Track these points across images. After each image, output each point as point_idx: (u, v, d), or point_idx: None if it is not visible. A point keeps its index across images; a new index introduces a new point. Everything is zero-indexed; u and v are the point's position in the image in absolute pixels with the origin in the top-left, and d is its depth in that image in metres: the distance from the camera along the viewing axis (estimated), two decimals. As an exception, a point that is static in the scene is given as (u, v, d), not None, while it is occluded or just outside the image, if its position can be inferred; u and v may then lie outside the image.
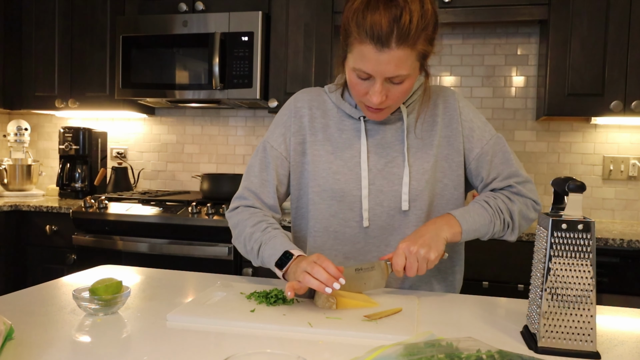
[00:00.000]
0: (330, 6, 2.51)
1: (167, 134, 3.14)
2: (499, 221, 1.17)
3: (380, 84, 1.06)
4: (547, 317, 0.83)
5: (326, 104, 1.28)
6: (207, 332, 0.89)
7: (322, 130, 1.25)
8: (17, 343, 0.81)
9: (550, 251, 0.83)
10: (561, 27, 2.28)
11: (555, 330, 0.83)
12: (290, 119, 1.28)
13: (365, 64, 1.04)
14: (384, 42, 1.00)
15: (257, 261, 1.19)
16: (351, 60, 1.08)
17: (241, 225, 1.24)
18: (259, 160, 1.29)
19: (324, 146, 1.24)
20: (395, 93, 1.09)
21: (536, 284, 0.88)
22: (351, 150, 1.23)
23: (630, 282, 1.96)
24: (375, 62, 1.02)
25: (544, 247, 0.85)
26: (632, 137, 2.55)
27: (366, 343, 0.84)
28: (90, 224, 2.44)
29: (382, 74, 1.04)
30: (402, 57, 1.02)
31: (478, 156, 1.23)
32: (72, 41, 2.87)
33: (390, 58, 1.01)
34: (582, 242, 0.82)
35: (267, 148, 1.28)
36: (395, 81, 1.06)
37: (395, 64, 1.02)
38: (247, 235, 1.20)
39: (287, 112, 1.30)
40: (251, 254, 1.20)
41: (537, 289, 0.87)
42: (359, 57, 1.04)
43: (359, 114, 1.23)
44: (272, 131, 1.30)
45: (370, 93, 1.08)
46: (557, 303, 0.83)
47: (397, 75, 1.04)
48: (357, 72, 1.07)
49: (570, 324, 0.83)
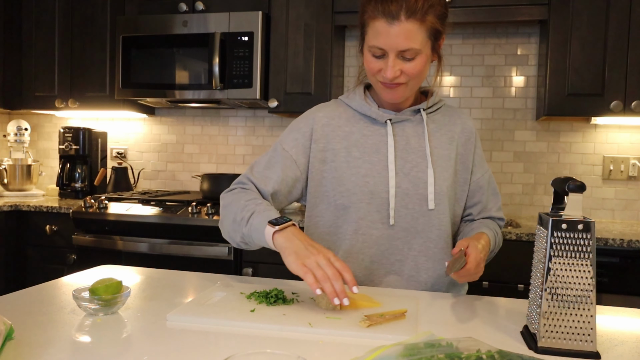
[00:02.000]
0: (330, 6, 2.51)
1: (167, 134, 3.14)
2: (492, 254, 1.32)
3: (392, 58, 1.12)
4: (547, 317, 0.83)
5: (347, 112, 1.31)
6: (207, 332, 0.89)
7: (346, 137, 1.27)
8: (17, 343, 0.81)
9: (550, 251, 0.83)
10: (561, 27, 2.28)
11: (555, 330, 0.83)
12: (309, 127, 1.29)
13: (378, 39, 1.11)
14: (394, 16, 1.09)
15: (243, 229, 1.13)
16: (367, 41, 1.16)
17: (234, 202, 1.20)
18: (267, 158, 1.29)
19: (350, 152, 1.26)
20: (408, 69, 1.14)
21: (536, 284, 0.88)
22: (378, 154, 1.26)
23: (630, 282, 1.96)
24: (386, 36, 1.10)
25: (544, 247, 0.85)
26: (632, 137, 2.55)
27: (366, 343, 0.84)
28: (90, 224, 2.44)
29: (394, 47, 1.11)
30: (412, 30, 1.10)
31: (477, 180, 1.34)
32: (72, 41, 2.87)
33: (400, 30, 1.09)
34: (582, 242, 0.82)
35: (279, 149, 1.29)
36: (407, 56, 1.13)
37: (405, 36, 1.10)
38: (241, 206, 1.16)
39: (306, 120, 1.31)
40: (239, 223, 1.14)
41: (537, 289, 0.87)
42: (373, 34, 1.13)
43: (385, 116, 1.26)
44: (286, 135, 1.31)
45: (384, 68, 1.14)
46: (557, 303, 0.83)
47: (408, 49, 1.11)
48: (372, 50, 1.15)
49: (570, 324, 0.82)
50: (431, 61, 1.21)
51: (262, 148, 2.98)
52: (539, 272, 0.86)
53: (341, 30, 2.74)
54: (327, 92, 2.53)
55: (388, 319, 0.94)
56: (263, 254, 2.28)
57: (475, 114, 2.71)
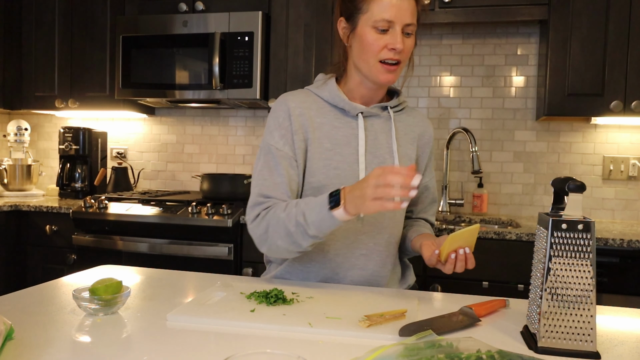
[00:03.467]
0: (330, 6, 2.50)
1: (167, 134, 3.14)
2: None
3: (399, 30, 1.18)
4: (547, 317, 0.83)
5: (317, 103, 1.29)
6: (207, 332, 0.89)
7: (319, 128, 1.27)
8: (17, 343, 0.81)
9: (550, 251, 0.83)
10: (561, 27, 2.28)
11: (555, 330, 0.83)
12: (287, 120, 1.26)
13: (389, 12, 1.17)
14: None
15: (310, 231, 1.11)
16: (369, 18, 1.19)
17: (272, 222, 1.17)
18: (266, 164, 1.26)
19: (322, 143, 1.26)
20: (408, 46, 1.21)
21: (536, 284, 0.88)
22: (349, 147, 1.27)
23: (630, 282, 1.96)
24: (398, 9, 1.17)
25: (543, 247, 0.85)
26: (632, 137, 2.55)
27: (366, 343, 0.84)
28: (90, 224, 2.44)
29: (402, 20, 1.18)
30: (414, 6, 1.20)
31: (426, 183, 1.41)
32: (72, 41, 2.87)
33: (408, 5, 1.18)
34: (582, 242, 0.82)
35: (273, 150, 1.25)
36: (408, 31, 1.20)
37: (411, 12, 1.19)
38: (283, 219, 1.14)
39: (281, 113, 1.27)
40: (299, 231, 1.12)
41: (537, 289, 0.87)
42: (380, 8, 1.17)
43: (357, 109, 1.27)
44: (270, 134, 1.27)
45: (392, 41, 1.18)
46: (557, 303, 0.83)
47: (411, 23, 1.19)
48: (377, 25, 1.18)
49: (570, 324, 0.83)
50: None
51: (262, 148, 2.98)
52: (539, 272, 0.86)
53: (341, 30, 2.74)
54: (327, 92, 2.53)
55: (388, 319, 0.94)
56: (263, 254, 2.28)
57: (475, 114, 2.71)
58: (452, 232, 1.36)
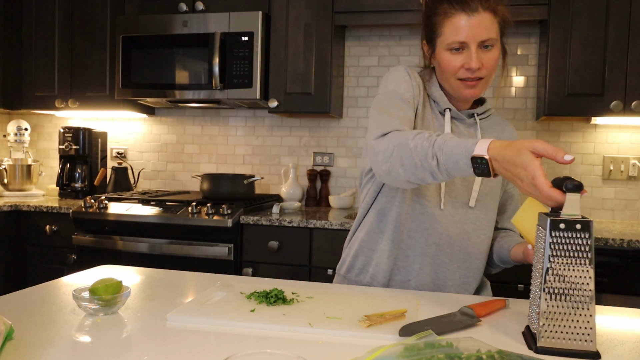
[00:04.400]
0: (330, 6, 2.51)
1: (167, 134, 3.14)
2: None
3: (474, 48, 1.17)
4: (547, 317, 0.83)
5: (421, 86, 1.30)
6: (207, 332, 0.89)
7: (422, 106, 1.28)
8: (17, 343, 0.81)
9: (549, 251, 0.83)
10: (561, 27, 2.28)
11: (555, 330, 0.83)
12: (411, 81, 1.26)
13: (459, 33, 1.17)
14: (472, 8, 1.16)
15: (437, 171, 1.01)
16: (444, 41, 1.19)
17: (401, 146, 1.06)
18: (391, 104, 1.20)
19: (423, 121, 1.28)
20: (488, 61, 1.19)
21: (536, 283, 0.88)
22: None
23: (630, 282, 1.96)
24: (468, 28, 1.16)
25: (542, 247, 0.85)
26: (632, 137, 2.55)
27: (366, 343, 0.84)
28: (90, 224, 2.44)
29: (475, 38, 1.16)
30: (489, 20, 1.17)
31: (510, 190, 1.39)
32: (72, 41, 2.87)
33: (480, 21, 1.16)
34: (581, 241, 0.82)
35: (396, 96, 1.22)
36: (487, 44, 1.18)
37: (485, 27, 1.16)
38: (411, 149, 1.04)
39: (405, 75, 1.27)
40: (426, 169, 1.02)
41: (536, 289, 0.87)
42: (451, 30, 1.17)
43: (446, 105, 1.28)
44: (396, 84, 1.24)
45: (467, 61, 1.18)
46: (557, 303, 0.83)
47: (487, 39, 1.17)
48: (451, 47, 1.18)
49: (570, 323, 0.83)
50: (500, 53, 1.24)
51: (262, 148, 2.98)
52: (538, 272, 0.86)
53: (341, 30, 2.74)
54: (327, 92, 2.53)
55: (388, 319, 0.94)
56: (263, 254, 2.28)
57: (475, 114, 2.71)
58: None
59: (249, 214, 2.35)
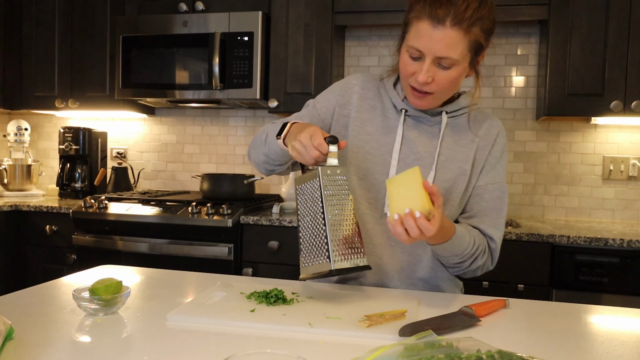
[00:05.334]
0: (330, 6, 2.51)
1: (167, 134, 3.14)
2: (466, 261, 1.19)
3: (429, 62, 1.10)
4: (334, 243, 1.00)
5: (379, 89, 1.31)
6: (207, 332, 0.89)
7: (369, 111, 1.29)
8: (17, 343, 0.81)
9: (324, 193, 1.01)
10: (561, 27, 2.28)
11: (342, 253, 1.00)
12: (341, 91, 1.32)
13: (419, 40, 1.09)
14: (440, 20, 1.06)
15: (264, 149, 1.25)
16: (407, 40, 1.13)
17: (260, 131, 1.32)
18: (299, 114, 1.35)
19: (364, 126, 1.27)
20: (442, 79, 1.12)
21: (315, 223, 1.03)
22: (388, 137, 1.26)
23: (630, 282, 1.96)
24: (428, 39, 1.07)
25: (318, 190, 1.02)
26: (632, 137, 2.55)
27: (366, 343, 0.84)
28: (90, 224, 2.44)
29: (432, 52, 1.08)
30: (455, 38, 1.07)
31: (480, 189, 1.25)
32: (72, 41, 2.87)
33: (443, 36, 1.06)
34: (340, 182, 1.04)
35: (310, 106, 1.34)
36: (444, 64, 1.10)
37: (446, 44, 1.07)
38: (260, 133, 1.29)
39: (341, 84, 1.34)
40: (260, 147, 1.27)
41: (318, 225, 1.02)
42: (415, 34, 1.10)
43: (402, 105, 1.26)
44: (321, 95, 1.36)
45: (418, 71, 1.11)
46: (337, 231, 1.01)
47: (446, 57, 1.08)
48: (410, 51, 1.12)
49: (349, 245, 1.01)
50: (467, 76, 1.17)
51: (262, 148, 2.98)
52: (318, 210, 1.02)
53: (341, 30, 2.74)
54: (327, 92, 2.53)
55: (388, 319, 0.94)
56: (263, 254, 2.28)
57: (475, 114, 2.71)
58: None
59: (249, 214, 2.35)
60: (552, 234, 2.01)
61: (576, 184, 2.61)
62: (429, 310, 1.04)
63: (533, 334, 0.93)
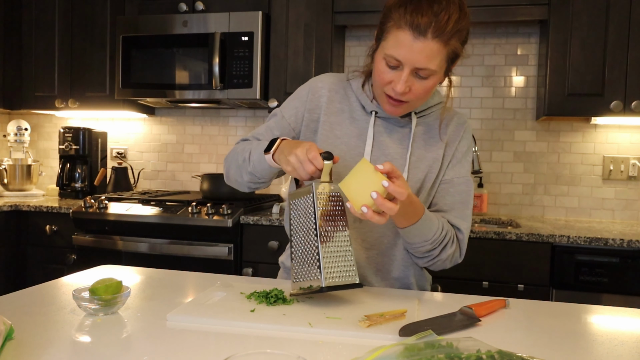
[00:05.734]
0: (330, 6, 2.51)
1: (167, 134, 3.14)
2: (436, 249, 1.18)
3: (407, 73, 1.08)
4: (326, 260, 0.99)
5: (346, 90, 1.30)
6: (207, 332, 0.89)
7: (337, 114, 1.27)
8: (17, 343, 0.81)
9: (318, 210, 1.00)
10: (561, 27, 2.28)
11: (333, 270, 0.99)
12: (308, 96, 1.29)
13: (399, 51, 1.07)
14: (421, 31, 1.04)
15: (249, 168, 1.20)
16: (384, 47, 1.11)
17: (234, 150, 1.30)
18: (267, 124, 1.32)
19: (333, 129, 1.26)
20: (418, 88, 1.11)
21: (307, 238, 1.02)
22: (358, 140, 1.25)
23: (630, 282, 1.96)
24: (408, 49, 1.06)
25: (312, 207, 1.01)
26: (632, 137, 2.55)
27: (366, 343, 0.84)
28: (90, 224, 2.44)
29: (412, 62, 1.07)
30: (435, 50, 1.06)
31: (446, 183, 1.26)
32: (72, 41, 2.87)
33: (424, 47, 1.05)
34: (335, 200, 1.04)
35: (278, 116, 1.31)
36: (422, 75, 1.09)
37: (427, 55, 1.06)
38: (239, 151, 1.25)
39: (307, 88, 1.31)
40: (242, 166, 1.22)
41: (310, 241, 1.01)
42: (394, 43, 1.08)
43: (372, 107, 1.25)
44: (288, 102, 1.33)
45: (396, 81, 1.10)
46: (328, 249, 1.00)
47: (425, 68, 1.07)
48: (387, 60, 1.10)
49: (340, 263, 1.01)
50: (439, 82, 1.18)
51: (262, 148, 2.98)
52: (311, 227, 1.01)
53: (341, 30, 2.74)
54: (327, 92, 2.53)
55: (388, 319, 0.94)
56: (263, 254, 2.28)
57: (475, 114, 2.71)
58: None
59: (249, 214, 2.35)
60: (552, 234, 2.01)
61: (576, 184, 2.61)
62: (429, 310, 1.04)
63: (533, 334, 0.93)
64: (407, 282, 1.29)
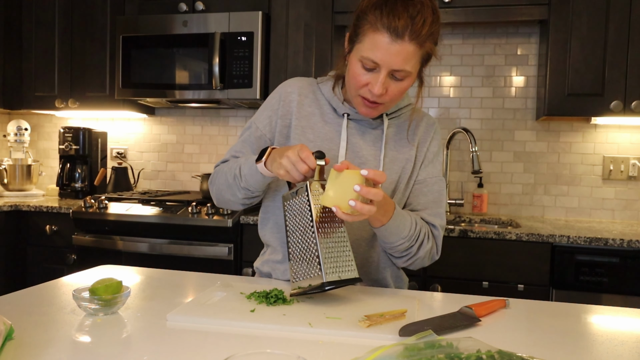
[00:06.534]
0: (330, 6, 2.51)
1: (167, 134, 3.14)
2: (413, 246, 1.19)
3: (385, 74, 1.09)
4: (325, 256, 0.99)
5: (316, 94, 1.31)
6: (207, 332, 0.89)
7: (307, 117, 1.27)
8: (17, 343, 0.81)
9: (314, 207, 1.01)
10: (561, 27, 2.28)
11: (334, 266, 1.00)
12: (279, 103, 1.30)
13: (376, 53, 1.08)
14: (399, 34, 1.05)
15: (241, 183, 1.19)
16: (360, 50, 1.11)
17: (220, 173, 1.28)
18: (243, 138, 1.33)
19: (305, 133, 1.26)
20: (394, 90, 1.13)
21: (305, 237, 1.03)
22: (331, 143, 1.25)
23: (630, 282, 1.96)
24: (385, 52, 1.07)
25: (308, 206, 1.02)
26: (632, 137, 2.55)
27: (366, 343, 0.84)
28: (90, 224, 2.44)
29: (389, 65, 1.08)
30: (411, 52, 1.07)
31: (419, 183, 1.28)
32: (72, 41, 2.87)
33: (401, 50, 1.06)
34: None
35: (252, 128, 1.31)
36: (398, 76, 1.11)
37: (404, 57, 1.07)
38: (226, 171, 1.24)
39: (276, 96, 1.32)
40: (234, 184, 1.21)
41: (308, 240, 1.02)
42: (371, 45, 1.08)
43: (344, 110, 1.26)
44: (260, 113, 1.33)
45: (373, 83, 1.11)
46: (328, 246, 1.01)
47: (401, 70, 1.09)
48: (363, 62, 1.10)
49: (339, 258, 1.02)
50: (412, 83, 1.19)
51: (262, 148, 2.98)
52: (308, 226, 1.02)
53: (341, 30, 2.74)
54: (327, 92, 2.53)
55: (388, 319, 0.94)
56: (263, 254, 2.28)
57: (475, 114, 2.71)
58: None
59: (249, 214, 2.35)
60: (552, 234, 2.01)
61: (576, 184, 2.61)
62: (429, 310, 1.04)
63: (533, 334, 0.93)
64: (384, 283, 1.30)
